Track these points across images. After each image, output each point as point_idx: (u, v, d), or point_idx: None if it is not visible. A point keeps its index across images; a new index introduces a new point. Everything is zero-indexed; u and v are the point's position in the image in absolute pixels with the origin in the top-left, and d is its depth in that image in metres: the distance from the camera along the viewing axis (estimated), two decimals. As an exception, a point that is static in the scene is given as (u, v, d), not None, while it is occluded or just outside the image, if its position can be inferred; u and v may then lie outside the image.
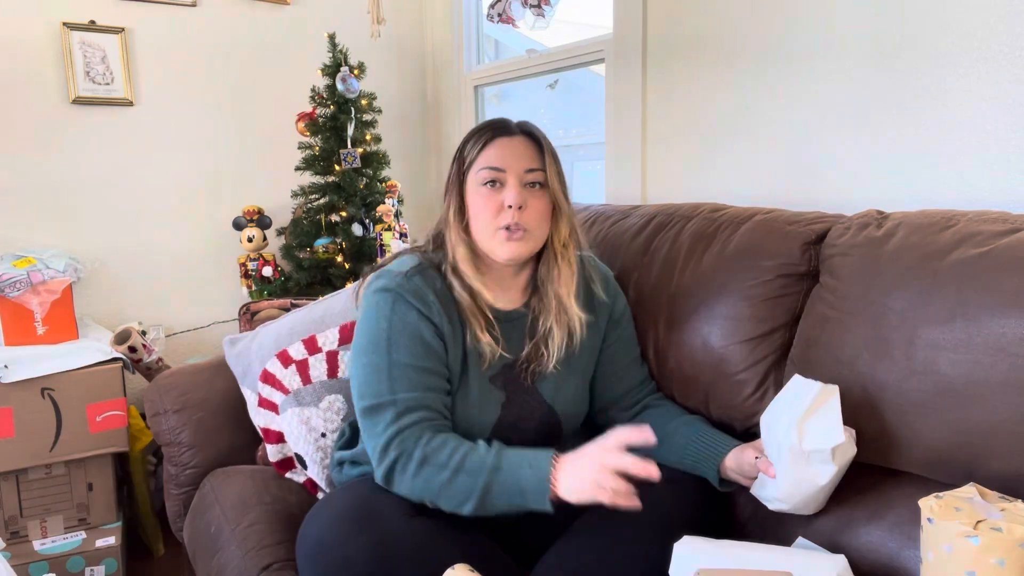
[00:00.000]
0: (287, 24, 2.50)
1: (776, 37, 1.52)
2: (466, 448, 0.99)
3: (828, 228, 1.16)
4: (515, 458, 0.97)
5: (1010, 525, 0.73)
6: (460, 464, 0.97)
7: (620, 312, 1.26)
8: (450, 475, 0.97)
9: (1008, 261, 0.89)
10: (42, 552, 1.76)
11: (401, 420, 1.02)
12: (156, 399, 1.48)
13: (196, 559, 1.32)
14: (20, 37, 2.08)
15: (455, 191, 1.13)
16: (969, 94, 1.23)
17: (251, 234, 2.32)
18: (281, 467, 1.38)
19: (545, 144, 1.13)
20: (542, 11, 1.96)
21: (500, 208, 1.08)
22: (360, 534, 0.92)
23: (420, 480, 0.99)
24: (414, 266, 1.12)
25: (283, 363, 1.39)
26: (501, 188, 1.09)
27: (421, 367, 1.05)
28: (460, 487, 0.97)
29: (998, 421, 0.87)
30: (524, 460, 0.96)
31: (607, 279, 1.26)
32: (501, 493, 0.96)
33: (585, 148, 2.35)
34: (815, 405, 0.96)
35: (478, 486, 0.96)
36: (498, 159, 1.09)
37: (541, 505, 0.94)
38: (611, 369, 1.25)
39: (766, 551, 0.90)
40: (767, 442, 1.01)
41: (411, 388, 1.04)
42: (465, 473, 0.97)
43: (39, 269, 1.80)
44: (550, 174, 1.12)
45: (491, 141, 1.11)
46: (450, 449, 0.99)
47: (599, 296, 1.21)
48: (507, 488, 0.95)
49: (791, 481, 0.97)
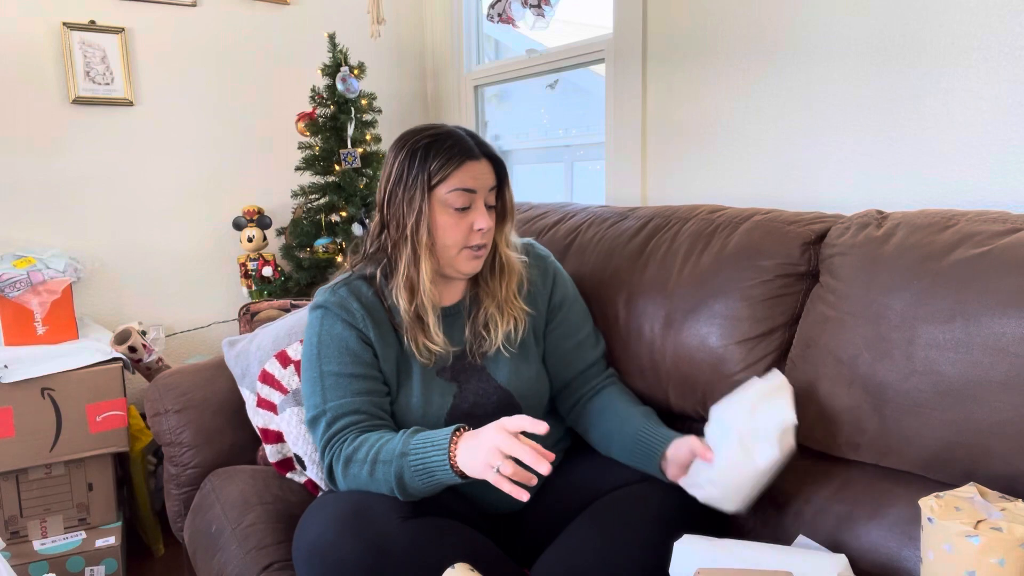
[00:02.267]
0: (287, 24, 2.50)
1: (776, 37, 1.52)
2: (383, 441, 1.03)
3: (828, 228, 1.16)
4: (421, 440, 0.99)
5: (1010, 525, 0.73)
6: (376, 456, 1.01)
7: (560, 297, 1.28)
8: (370, 468, 1.01)
9: (1008, 261, 0.89)
10: (42, 552, 1.76)
11: (331, 428, 1.08)
12: (156, 399, 1.48)
13: (196, 559, 1.32)
14: (20, 37, 2.08)
15: (418, 206, 1.12)
16: (969, 94, 1.23)
17: (251, 234, 2.32)
18: (282, 467, 1.38)
19: (501, 163, 1.19)
20: (542, 11, 1.96)
21: (469, 230, 1.13)
22: (355, 536, 0.92)
23: (350, 479, 1.04)
24: (342, 279, 1.18)
25: (282, 363, 1.39)
26: (468, 211, 1.13)
27: (349, 374, 1.10)
28: (381, 477, 1.00)
29: (998, 421, 0.87)
30: (428, 440, 0.98)
31: (544, 263, 1.29)
32: (413, 476, 0.98)
33: (585, 148, 2.35)
34: (769, 391, 0.98)
35: (392, 473, 0.99)
36: (471, 182, 1.12)
37: (452, 479, 0.96)
38: (558, 354, 1.27)
39: (766, 550, 0.90)
40: (711, 429, 1.02)
41: (340, 396, 1.09)
42: (381, 463, 1.00)
43: (39, 269, 1.80)
44: (507, 195, 1.20)
45: (461, 165, 1.12)
46: (368, 445, 1.03)
47: (534, 281, 1.25)
48: (417, 470, 0.97)
49: (731, 462, 0.97)
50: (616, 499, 1.05)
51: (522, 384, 1.20)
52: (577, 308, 1.30)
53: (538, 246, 1.32)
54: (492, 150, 1.18)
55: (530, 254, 1.28)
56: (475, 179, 1.13)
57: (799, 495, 1.07)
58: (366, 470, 1.01)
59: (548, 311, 1.27)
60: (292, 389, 1.36)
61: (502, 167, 1.18)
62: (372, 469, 1.01)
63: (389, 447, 1.01)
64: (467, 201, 1.12)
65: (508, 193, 1.20)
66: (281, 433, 1.36)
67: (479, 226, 1.12)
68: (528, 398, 1.21)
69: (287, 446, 1.36)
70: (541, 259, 1.29)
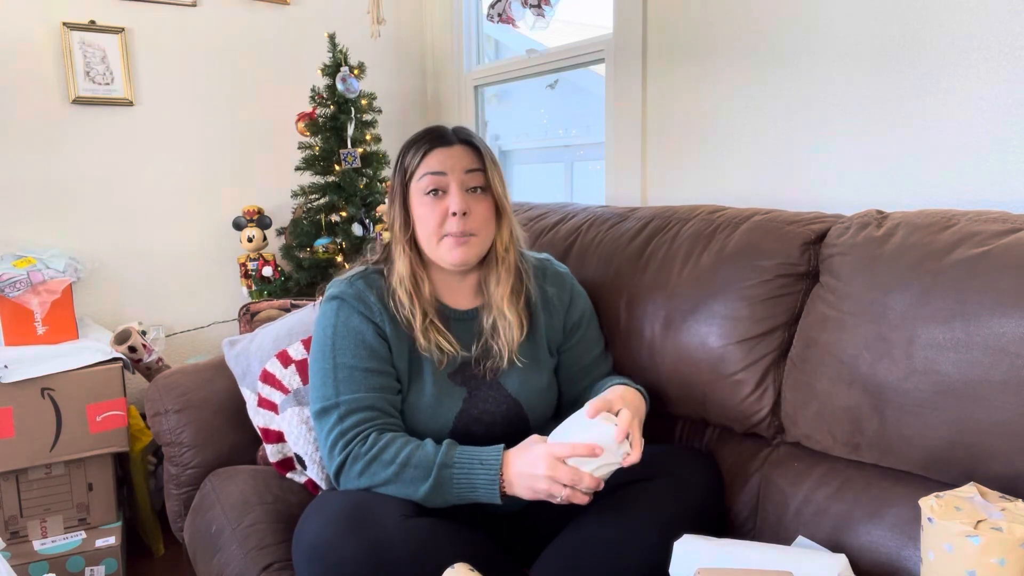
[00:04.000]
0: (287, 24, 2.50)
1: (776, 37, 1.52)
2: (412, 446, 1.03)
3: (828, 228, 1.16)
4: (467, 455, 1.01)
5: (1010, 525, 0.73)
6: (407, 461, 1.01)
7: (579, 314, 1.27)
8: (397, 470, 1.01)
9: (1008, 261, 0.89)
10: (42, 552, 1.76)
11: (344, 422, 1.06)
12: (157, 399, 1.48)
13: (196, 559, 1.32)
14: (20, 37, 2.08)
15: (399, 203, 1.16)
16: (969, 94, 1.23)
17: (251, 234, 2.32)
18: (282, 467, 1.38)
19: (484, 149, 1.16)
20: (542, 11, 1.96)
21: (445, 215, 1.12)
22: (355, 536, 0.92)
23: (367, 476, 1.03)
24: (359, 272, 1.17)
25: (283, 363, 1.39)
26: (444, 196, 1.12)
27: (364, 368, 1.09)
28: (408, 479, 1.01)
29: (998, 421, 0.87)
30: (475, 457, 1.01)
31: (562, 279, 1.28)
32: (452, 488, 1.00)
33: (585, 148, 2.36)
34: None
35: (428, 481, 1.00)
36: (439, 165, 1.12)
37: (492, 500, 0.99)
38: (575, 369, 1.27)
39: (766, 550, 0.90)
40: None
41: (355, 389, 1.08)
42: (413, 467, 1.01)
43: (39, 269, 1.80)
44: (491, 177, 1.15)
45: (430, 151, 1.13)
46: (396, 448, 1.03)
47: (552, 299, 1.24)
48: (460, 483, 0.99)
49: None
50: (616, 499, 1.05)
51: (532, 395, 1.19)
52: (594, 325, 1.30)
53: (555, 263, 1.31)
54: (472, 138, 1.16)
55: (547, 271, 1.27)
56: (443, 162, 1.12)
57: (799, 495, 1.07)
58: (392, 471, 1.01)
59: (565, 329, 1.26)
60: (293, 389, 1.36)
61: (484, 152, 1.15)
62: (400, 471, 1.01)
63: (422, 455, 1.02)
64: (437, 183, 1.12)
65: (498, 181, 1.16)
66: (282, 433, 1.36)
67: (454, 208, 1.10)
68: (536, 408, 1.20)
69: (287, 446, 1.36)
70: (559, 276, 1.28)
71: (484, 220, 1.15)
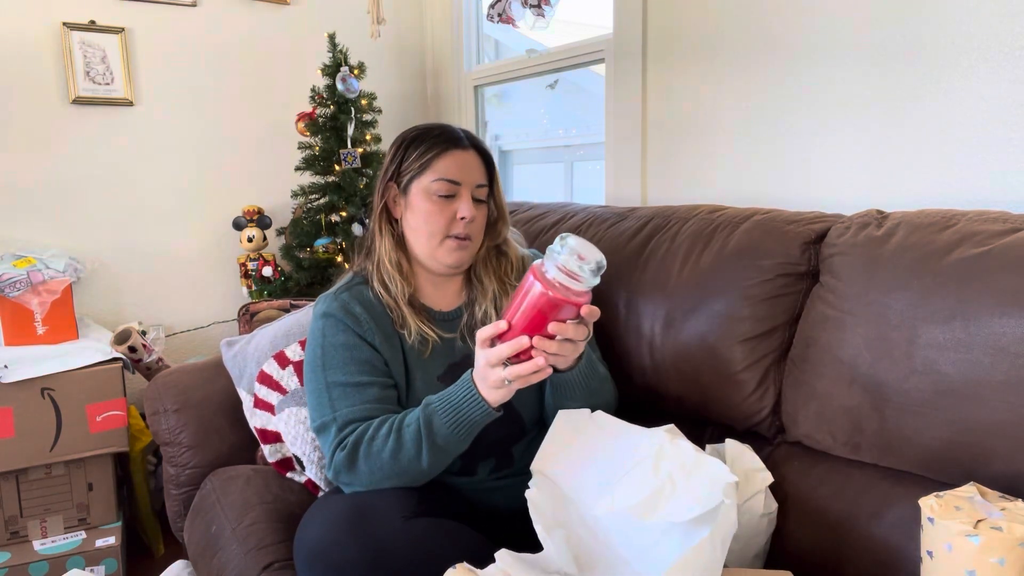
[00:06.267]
0: (287, 24, 2.50)
1: (776, 37, 1.52)
2: (400, 415, 1.04)
3: (828, 228, 1.16)
4: (440, 394, 1.02)
5: (1010, 524, 0.73)
6: (399, 425, 1.02)
7: None
8: (396, 437, 1.01)
9: (1008, 261, 0.89)
10: (42, 552, 1.76)
11: (342, 433, 1.06)
12: (155, 398, 1.47)
13: (196, 559, 1.32)
14: (20, 37, 2.08)
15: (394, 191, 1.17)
16: (969, 94, 1.23)
17: (251, 234, 2.33)
18: (282, 467, 1.38)
19: (489, 158, 1.19)
20: (542, 11, 1.96)
21: (452, 218, 1.14)
22: (356, 537, 0.92)
23: (372, 459, 1.02)
24: (344, 283, 1.18)
25: (280, 364, 1.39)
26: (453, 200, 1.14)
27: (355, 383, 1.09)
28: (408, 438, 1.00)
29: (998, 421, 0.87)
30: (450, 391, 1.01)
31: None
32: (442, 420, 0.99)
33: (585, 148, 2.36)
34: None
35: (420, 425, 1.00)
36: (456, 173, 1.14)
37: (482, 413, 0.98)
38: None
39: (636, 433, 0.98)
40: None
41: (350, 404, 1.08)
42: (406, 427, 1.01)
43: (39, 269, 1.80)
44: (496, 189, 1.20)
45: (445, 153, 1.14)
46: (388, 424, 1.03)
47: None
48: (445, 413, 0.99)
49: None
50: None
51: (523, 392, 1.19)
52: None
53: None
54: (482, 144, 1.18)
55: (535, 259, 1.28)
56: (458, 171, 1.14)
57: (799, 495, 1.07)
58: (391, 441, 1.01)
59: None
60: (291, 389, 1.36)
61: (491, 164, 1.19)
62: (398, 437, 1.01)
63: (410, 415, 1.02)
64: (450, 190, 1.13)
65: (500, 191, 1.20)
66: (279, 433, 1.36)
67: (463, 214, 1.13)
68: (526, 406, 1.20)
69: (285, 446, 1.36)
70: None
71: (480, 227, 1.19)
